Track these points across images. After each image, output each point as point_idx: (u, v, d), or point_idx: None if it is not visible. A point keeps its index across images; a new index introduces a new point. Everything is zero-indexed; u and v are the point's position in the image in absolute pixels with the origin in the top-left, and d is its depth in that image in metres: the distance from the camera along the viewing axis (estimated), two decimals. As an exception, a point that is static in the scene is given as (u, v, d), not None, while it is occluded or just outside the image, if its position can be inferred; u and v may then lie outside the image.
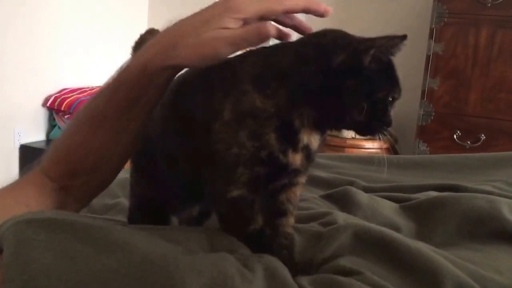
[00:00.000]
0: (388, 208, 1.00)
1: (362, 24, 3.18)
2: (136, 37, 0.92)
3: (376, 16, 3.13)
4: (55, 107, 3.08)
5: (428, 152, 2.40)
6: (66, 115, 3.06)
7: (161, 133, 0.78)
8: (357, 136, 2.92)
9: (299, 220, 0.87)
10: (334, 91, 0.65)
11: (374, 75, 0.66)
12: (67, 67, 3.25)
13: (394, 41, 0.67)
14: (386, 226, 0.92)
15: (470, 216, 0.91)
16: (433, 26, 2.55)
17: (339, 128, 0.73)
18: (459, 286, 0.69)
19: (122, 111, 0.74)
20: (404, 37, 0.68)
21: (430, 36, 2.57)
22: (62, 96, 3.09)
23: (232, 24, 0.66)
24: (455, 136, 2.45)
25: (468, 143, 2.38)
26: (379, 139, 0.71)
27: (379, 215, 0.96)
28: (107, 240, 0.55)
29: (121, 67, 0.74)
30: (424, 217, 0.95)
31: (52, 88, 3.17)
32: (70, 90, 3.17)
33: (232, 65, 0.68)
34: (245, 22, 0.67)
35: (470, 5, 2.47)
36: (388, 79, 0.68)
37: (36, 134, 3.17)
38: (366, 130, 0.70)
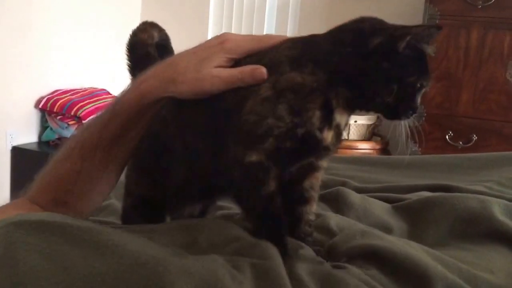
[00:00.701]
0: (380, 208, 1.01)
1: (354, 25, 3.20)
2: (127, 39, 0.93)
3: (369, 17, 3.14)
4: (48, 109, 3.06)
5: (420, 153, 2.41)
6: (58, 116, 3.05)
7: (175, 122, 0.79)
8: (350, 137, 2.93)
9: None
10: (368, 73, 0.70)
11: (407, 60, 0.70)
12: (59, 68, 3.24)
13: (430, 31, 0.72)
14: (378, 227, 0.93)
15: (461, 216, 0.92)
16: (425, 27, 2.56)
17: (368, 109, 0.75)
18: (448, 284, 0.70)
19: (115, 141, 0.78)
20: (439, 27, 0.73)
21: (422, 38, 2.59)
22: (55, 98, 3.08)
23: (226, 63, 0.73)
24: (447, 137, 2.46)
25: (460, 144, 2.40)
26: (402, 125, 0.75)
27: (371, 216, 0.96)
28: (97, 242, 0.55)
29: (116, 99, 0.79)
30: (416, 217, 0.95)
31: (44, 89, 3.16)
32: (63, 92, 3.15)
33: (264, 52, 0.73)
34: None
35: (461, 7, 2.49)
36: (419, 66, 0.72)
37: (28, 135, 3.15)
38: (393, 112, 0.73)
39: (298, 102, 0.68)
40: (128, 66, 0.92)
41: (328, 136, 0.71)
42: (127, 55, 0.92)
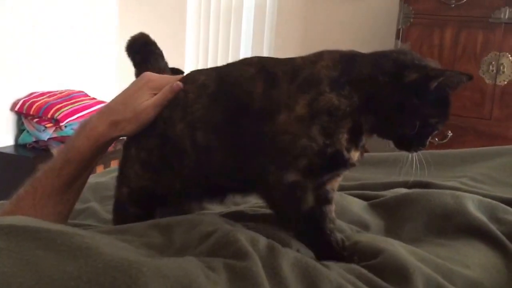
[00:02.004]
0: (357, 206, 1.02)
1: (330, 25, 3.22)
2: (104, 40, 0.95)
3: (345, 17, 3.17)
4: (24, 112, 3.01)
5: (398, 150, 2.44)
6: (35, 119, 3.00)
7: (190, 127, 0.83)
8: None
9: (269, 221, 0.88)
10: (398, 105, 0.73)
11: (434, 102, 0.74)
12: (35, 70, 3.19)
13: (460, 77, 0.75)
14: (355, 224, 0.94)
15: (436, 212, 0.94)
16: (400, 26, 2.60)
17: (386, 136, 0.80)
18: (427, 279, 0.72)
19: (69, 184, 0.88)
20: (470, 77, 0.76)
21: (397, 36, 2.62)
22: (31, 100, 3.03)
23: (151, 96, 0.88)
24: (423, 134, 2.49)
25: (436, 140, 2.43)
26: (411, 156, 0.81)
27: (348, 213, 0.98)
28: (69, 246, 0.54)
29: (67, 147, 0.90)
30: (392, 214, 0.97)
31: (20, 92, 3.11)
32: (39, 94, 3.11)
33: (300, 65, 0.78)
34: None
35: (435, 6, 2.52)
36: (443, 110, 0.76)
37: (4, 139, 3.10)
38: (406, 145, 0.79)
39: (331, 125, 0.73)
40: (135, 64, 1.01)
41: (355, 155, 0.77)
42: (130, 55, 1.01)
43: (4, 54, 3.00)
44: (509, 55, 2.41)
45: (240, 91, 0.79)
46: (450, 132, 2.44)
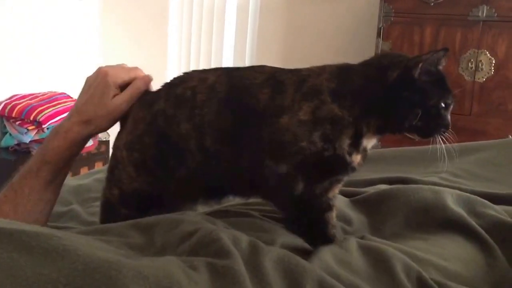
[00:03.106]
0: (340, 202, 1.03)
1: (312, 24, 3.23)
2: (86, 42, 0.95)
3: (326, 16, 3.19)
4: (6, 114, 2.99)
5: (380, 146, 2.46)
6: (17, 121, 2.97)
7: (198, 130, 0.83)
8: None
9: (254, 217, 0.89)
10: (394, 102, 0.78)
11: (425, 85, 0.78)
12: (17, 73, 3.16)
13: (438, 54, 0.79)
14: (339, 220, 0.95)
15: (416, 207, 0.95)
16: (381, 25, 2.62)
17: (400, 131, 0.83)
18: (407, 266, 0.73)
19: (47, 184, 0.90)
20: (446, 49, 0.80)
21: (378, 35, 2.65)
22: (13, 103, 3.00)
23: (117, 91, 0.90)
24: (405, 131, 2.52)
25: (416, 136, 2.46)
26: (438, 141, 0.83)
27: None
28: (46, 248, 0.53)
29: (43, 149, 0.91)
30: (374, 210, 0.98)
31: (2, 94, 3.08)
32: (21, 96, 3.08)
33: (306, 76, 0.81)
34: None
35: (414, 5, 2.56)
36: (438, 88, 0.80)
37: (-14, 142, 3.06)
38: (425, 132, 0.82)
39: (333, 133, 0.77)
40: None
41: (356, 159, 0.80)
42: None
43: (-16, 57, 2.97)
44: (487, 52, 2.45)
45: (249, 98, 0.81)
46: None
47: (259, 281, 0.62)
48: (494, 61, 2.45)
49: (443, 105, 0.80)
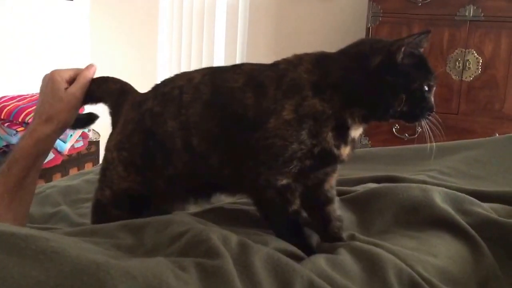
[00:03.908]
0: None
1: (301, 24, 3.24)
2: (75, 43, 0.97)
3: (315, 16, 3.19)
4: (-6, 116, 2.96)
5: (370, 146, 2.48)
6: (6, 123, 2.95)
7: (184, 129, 0.83)
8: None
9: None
10: (377, 89, 0.77)
11: (408, 69, 0.77)
12: (4, 74, 3.14)
13: (420, 37, 0.78)
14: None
15: (405, 205, 0.96)
16: (369, 25, 2.64)
17: (386, 119, 0.82)
18: (399, 270, 0.74)
19: (18, 182, 0.93)
20: (428, 31, 0.80)
21: (367, 35, 2.66)
22: (1, 104, 2.98)
23: (67, 83, 0.97)
24: (394, 129, 2.54)
25: (406, 136, 2.48)
26: (423, 125, 0.82)
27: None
28: (34, 249, 0.53)
29: (14, 149, 0.97)
30: (363, 208, 0.98)
31: (-11, 96, 3.05)
32: (9, 98, 3.06)
33: (283, 70, 0.79)
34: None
35: (402, 5, 2.57)
36: (421, 70, 0.79)
37: (-26, 144, 3.03)
38: (411, 117, 0.81)
39: (316, 128, 0.76)
40: None
41: (344, 151, 0.80)
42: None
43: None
44: (475, 52, 2.47)
45: (233, 102, 0.81)
46: (419, 127, 2.49)
47: (249, 280, 0.62)
48: (481, 61, 2.47)
49: (426, 88, 0.79)
